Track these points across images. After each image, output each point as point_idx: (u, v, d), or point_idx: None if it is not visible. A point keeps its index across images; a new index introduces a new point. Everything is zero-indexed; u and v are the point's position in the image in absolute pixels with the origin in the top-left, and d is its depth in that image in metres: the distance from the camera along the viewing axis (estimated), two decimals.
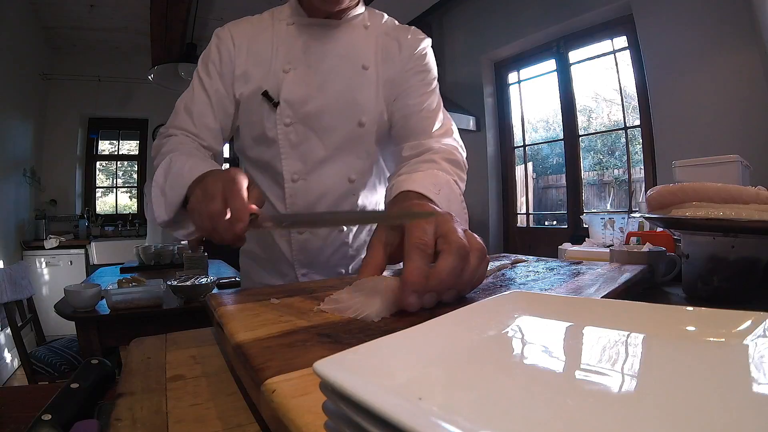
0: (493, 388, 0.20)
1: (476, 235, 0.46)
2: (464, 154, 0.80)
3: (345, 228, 0.85)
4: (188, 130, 0.77)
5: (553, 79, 3.07)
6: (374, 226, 0.89)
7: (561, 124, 3.05)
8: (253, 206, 0.50)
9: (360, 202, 0.84)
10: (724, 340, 0.24)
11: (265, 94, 0.77)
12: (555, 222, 3.25)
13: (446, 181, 0.67)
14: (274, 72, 0.78)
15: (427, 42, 0.85)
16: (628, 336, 0.26)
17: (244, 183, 0.51)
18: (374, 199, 0.88)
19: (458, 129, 0.84)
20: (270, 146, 0.79)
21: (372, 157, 0.83)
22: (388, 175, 0.87)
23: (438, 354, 0.23)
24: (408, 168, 0.72)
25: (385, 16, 0.87)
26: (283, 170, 0.79)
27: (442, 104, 0.83)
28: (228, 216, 0.49)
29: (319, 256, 0.83)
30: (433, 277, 0.40)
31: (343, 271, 0.86)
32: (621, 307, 0.30)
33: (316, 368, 0.17)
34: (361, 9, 0.83)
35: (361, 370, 0.18)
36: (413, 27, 0.86)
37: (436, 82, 0.84)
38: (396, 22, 0.87)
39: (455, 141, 0.81)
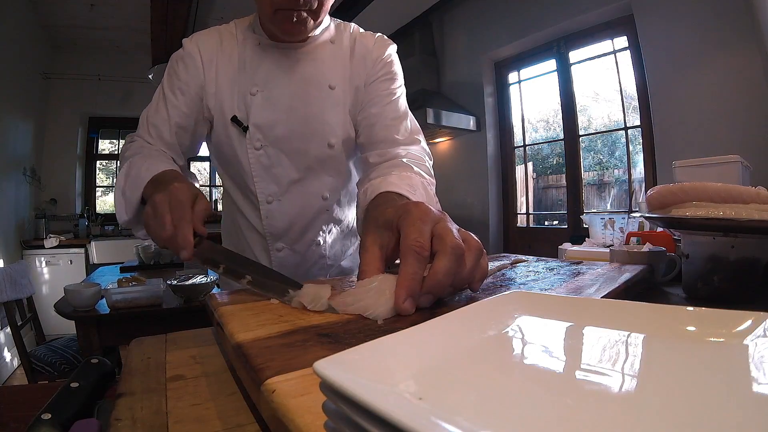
0: (493, 388, 0.20)
1: (471, 234, 0.46)
2: (431, 162, 0.80)
3: (321, 242, 0.86)
4: (148, 141, 0.77)
5: (554, 79, 3.07)
6: (349, 233, 0.91)
7: (561, 124, 3.04)
8: (201, 228, 0.52)
9: (335, 215, 0.86)
10: (724, 340, 0.24)
11: (234, 119, 0.77)
12: (555, 222, 3.24)
13: (420, 182, 0.67)
14: (242, 94, 0.77)
15: (393, 48, 0.84)
16: (628, 336, 0.26)
17: (189, 205, 0.52)
18: (346, 210, 0.89)
19: (458, 129, 0.84)
20: (242, 168, 0.79)
21: (344, 174, 0.85)
22: (356, 181, 0.87)
23: (438, 354, 0.23)
24: (379, 172, 0.72)
25: (352, 25, 0.85)
26: (257, 192, 0.80)
27: (408, 111, 0.83)
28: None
29: (298, 269, 0.86)
30: (430, 279, 0.40)
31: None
32: (621, 307, 0.30)
33: (316, 368, 0.17)
34: (326, 23, 0.81)
35: (361, 370, 0.18)
36: (379, 34, 0.85)
37: (401, 89, 0.84)
38: (361, 30, 0.86)
39: (422, 149, 0.81)
